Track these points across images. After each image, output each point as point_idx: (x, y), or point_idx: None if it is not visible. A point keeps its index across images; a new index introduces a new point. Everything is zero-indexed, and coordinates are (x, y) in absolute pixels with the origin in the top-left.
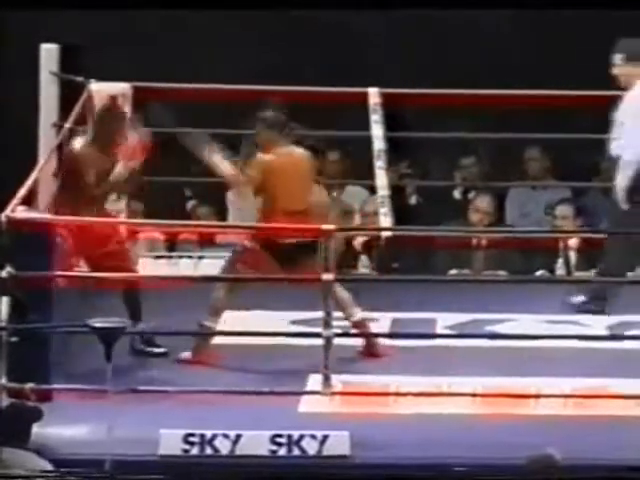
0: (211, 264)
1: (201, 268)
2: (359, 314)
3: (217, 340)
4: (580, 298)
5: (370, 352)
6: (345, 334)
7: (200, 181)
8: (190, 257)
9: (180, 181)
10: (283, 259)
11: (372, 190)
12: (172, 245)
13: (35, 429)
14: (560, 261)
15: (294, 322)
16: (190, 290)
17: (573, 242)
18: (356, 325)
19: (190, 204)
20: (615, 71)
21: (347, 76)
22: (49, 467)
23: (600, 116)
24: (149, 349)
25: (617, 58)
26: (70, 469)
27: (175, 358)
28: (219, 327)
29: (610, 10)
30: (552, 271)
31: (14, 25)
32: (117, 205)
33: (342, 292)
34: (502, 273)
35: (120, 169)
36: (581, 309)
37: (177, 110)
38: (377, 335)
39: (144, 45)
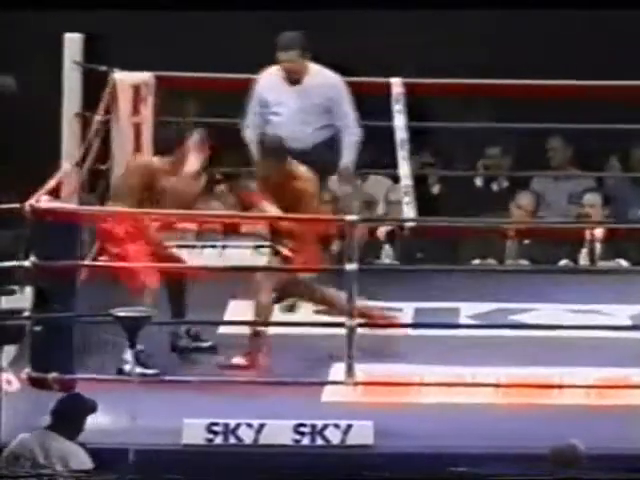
0: (235, 253)
1: (225, 257)
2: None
3: (240, 330)
4: None
5: None
6: (368, 324)
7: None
8: (214, 246)
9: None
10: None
11: (395, 180)
12: (199, 234)
13: None
14: (584, 251)
15: (317, 312)
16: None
17: (599, 232)
18: (362, 314)
19: (219, 188)
20: None
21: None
22: (89, 464)
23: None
24: (195, 344)
25: None
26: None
27: (225, 363)
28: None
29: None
30: (575, 261)
31: (37, 15)
32: None
33: (328, 291)
34: (525, 263)
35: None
36: None
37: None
38: (400, 325)
39: (166, 35)
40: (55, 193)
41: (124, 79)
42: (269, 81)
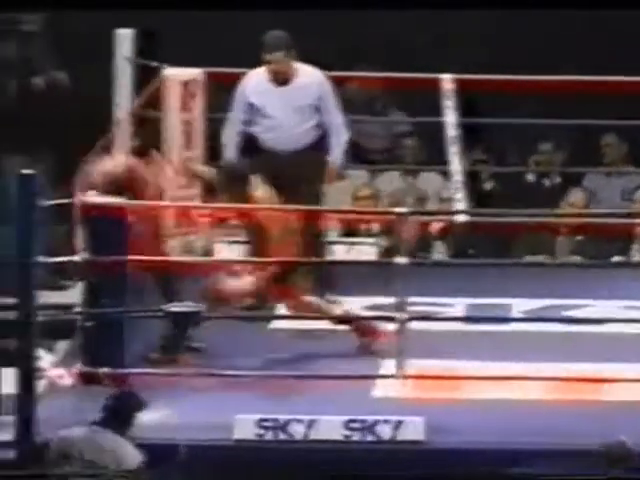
0: None
1: None
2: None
3: (289, 325)
4: None
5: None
6: (419, 317)
7: None
8: None
9: None
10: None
11: (446, 176)
12: None
13: None
14: (636, 247)
15: (367, 307)
16: None
17: None
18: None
19: None
20: None
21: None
22: (139, 458)
23: None
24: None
25: None
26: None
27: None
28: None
29: None
30: (627, 257)
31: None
32: (189, 192)
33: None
34: (577, 259)
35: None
36: None
37: None
38: (451, 319)
39: (216, 31)
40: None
41: (174, 75)
42: (255, 83)
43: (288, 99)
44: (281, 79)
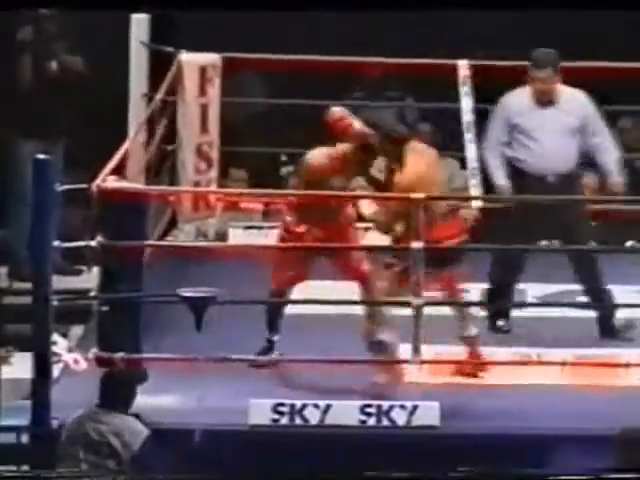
0: None
1: None
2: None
3: (306, 310)
4: None
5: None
6: (435, 303)
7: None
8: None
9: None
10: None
11: (462, 162)
12: (265, 214)
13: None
14: None
15: None
16: None
17: None
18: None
19: (285, 170)
20: None
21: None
22: (144, 433)
23: None
24: None
25: None
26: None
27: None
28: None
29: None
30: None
31: None
32: (207, 175)
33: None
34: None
35: None
36: None
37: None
38: (469, 304)
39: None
40: (120, 172)
41: (191, 60)
42: (518, 104)
43: (554, 120)
44: (545, 99)
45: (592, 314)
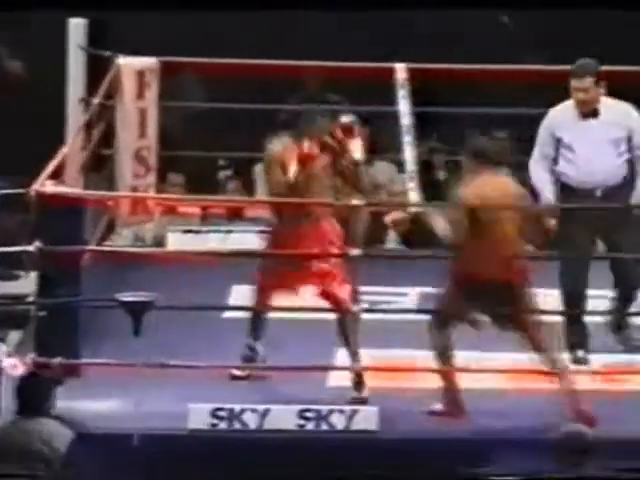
0: (240, 238)
1: (230, 242)
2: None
3: (242, 315)
4: None
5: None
6: (372, 309)
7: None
8: (219, 231)
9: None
10: (481, 299)
11: (400, 165)
12: (203, 219)
13: (63, 403)
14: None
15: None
16: (219, 265)
17: None
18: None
19: (223, 174)
20: None
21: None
22: (69, 435)
23: None
24: None
25: None
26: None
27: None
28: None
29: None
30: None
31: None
32: (145, 180)
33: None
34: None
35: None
36: None
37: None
38: (407, 311)
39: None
40: (58, 177)
41: (128, 64)
42: (561, 117)
43: (597, 132)
44: (588, 111)
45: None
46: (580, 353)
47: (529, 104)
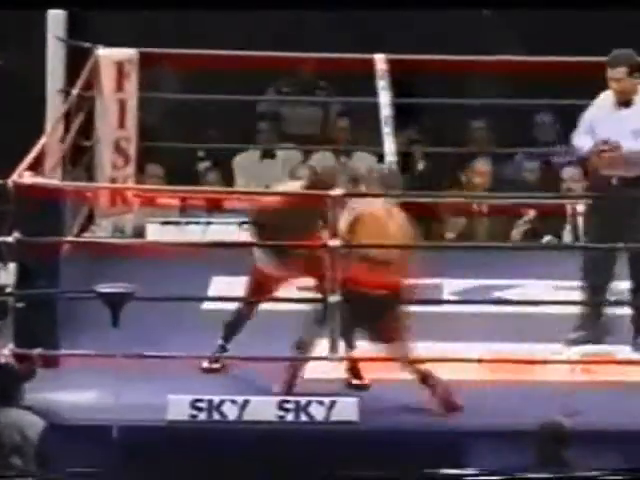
0: (219, 230)
1: (209, 234)
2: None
3: (225, 306)
4: None
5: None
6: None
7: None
8: (198, 223)
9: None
10: (365, 311)
11: (380, 157)
12: (182, 210)
13: (41, 394)
14: (568, 227)
15: (301, 288)
16: (198, 256)
17: (581, 208)
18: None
19: (202, 165)
20: None
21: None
22: (41, 425)
23: None
24: None
25: None
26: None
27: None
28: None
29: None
30: (559, 237)
31: None
32: (125, 171)
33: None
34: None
35: None
36: None
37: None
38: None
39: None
40: (37, 168)
41: (107, 55)
42: (599, 106)
43: (627, 122)
44: (622, 100)
45: (509, 309)
46: None
47: (508, 95)
